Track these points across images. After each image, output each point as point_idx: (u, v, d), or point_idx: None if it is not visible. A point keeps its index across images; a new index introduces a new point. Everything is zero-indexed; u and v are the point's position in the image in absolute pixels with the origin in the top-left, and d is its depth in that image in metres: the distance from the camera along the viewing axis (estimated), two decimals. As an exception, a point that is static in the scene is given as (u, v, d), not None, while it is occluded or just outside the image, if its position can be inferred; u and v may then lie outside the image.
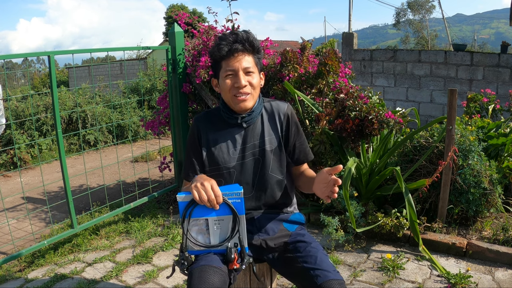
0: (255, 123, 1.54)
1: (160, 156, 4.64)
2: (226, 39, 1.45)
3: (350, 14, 17.76)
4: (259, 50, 1.50)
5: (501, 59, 6.04)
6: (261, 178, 1.54)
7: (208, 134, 1.55)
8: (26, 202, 4.00)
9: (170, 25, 10.94)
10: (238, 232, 1.36)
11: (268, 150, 1.53)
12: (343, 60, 6.56)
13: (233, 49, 1.43)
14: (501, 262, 2.52)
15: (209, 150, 1.53)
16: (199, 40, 3.41)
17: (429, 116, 6.68)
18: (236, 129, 1.53)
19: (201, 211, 1.35)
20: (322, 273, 1.34)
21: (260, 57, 1.53)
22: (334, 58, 2.98)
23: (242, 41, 1.44)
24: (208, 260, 1.35)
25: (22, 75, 38.47)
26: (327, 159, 3.05)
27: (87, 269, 2.60)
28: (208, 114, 1.61)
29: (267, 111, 1.57)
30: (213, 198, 1.30)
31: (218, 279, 1.30)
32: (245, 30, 1.50)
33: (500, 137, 3.19)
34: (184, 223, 1.36)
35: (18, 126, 5.95)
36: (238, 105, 1.47)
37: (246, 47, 1.45)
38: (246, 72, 1.46)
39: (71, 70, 17.84)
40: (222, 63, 1.46)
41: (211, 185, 1.31)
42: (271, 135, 1.55)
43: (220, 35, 1.50)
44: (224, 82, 1.47)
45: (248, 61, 1.46)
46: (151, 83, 8.82)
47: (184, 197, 1.35)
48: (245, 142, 1.53)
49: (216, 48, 1.46)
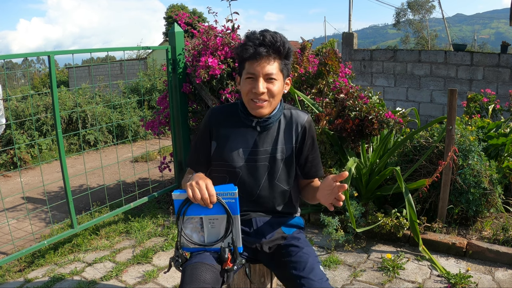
0: (270, 129, 1.50)
1: (160, 156, 4.63)
2: (252, 40, 1.37)
3: (350, 14, 17.77)
4: (287, 55, 1.41)
5: (501, 59, 6.04)
6: (266, 185, 1.51)
7: (220, 129, 1.51)
8: (26, 202, 4.00)
9: (170, 25, 10.92)
10: (232, 232, 1.36)
11: (279, 158, 1.50)
12: (343, 60, 6.56)
13: (257, 52, 1.36)
14: (501, 262, 2.52)
15: (218, 145, 1.51)
16: (199, 40, 3.41)
17: (429, 116, 6.68)
18: (250, 131, 1.50)
19: (196, 209, 1.36)
20: (307, 282, 1.33)
21: (288, 63, 1.44)
22: (334, 58, 2.98)
23: (268, 45, 1.36)
24: (202, 258, 1.36)
25: (22, 75, 38.49)
26: (327, 159, 3.05)
27: (87, 269, 2.60)
28: (225, 108, 1.56)
29: (286, 119, 1.52)
30: (207, 197, 1.29)
31: (210, 276, 1.30)
32: (275, 32, 1.40)
33: (500, 137, 3.19)
34: (178, 220, 1.37)
35: (18, 126, 5.95)
36: (254, 110, 1.44)
37: (270, 53, 1.37)
38: (267, 78, 1.39)
39: (71, 70, 17.84)
40: (246, 63, 1.40)
41: (206, 184, 1.31)
42: (284, 144, 1.50)
43: (249, 33, 1.42)
44: (244, 83, 1.42)
45: (272, 67, 1.38)
46: (151, 83, 8.82)
47: (179, 195, 1.36)
48: (257, 146, 1.49)
49: (241, 47, 1.39)
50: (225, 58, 3.20)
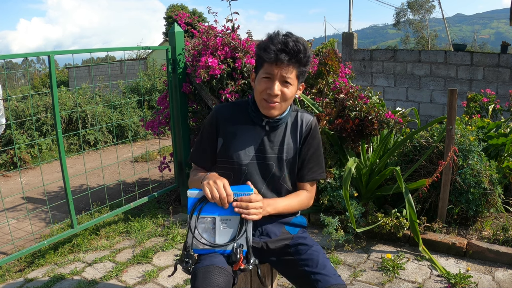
0: (278, 128, 1.52)
1: (160, 156, 4.63)
2: (275, 43, 1.36)
3: (350, 14, 17.77)
4: (306, 64, 1.42)
5: (501, 59, 6.04)
6: (271, 185, 1.53)
7: (227, 126, 1.52)
8: (26, 202, 4.00)
9: (170, 25, 10.91)
10: (246, 233, 1.36)
11: (284, 159, 1.51)
12: (343, 60, 6.56)
13: (278, 58, 1.36)
14: (501, 262, 2.52)
15: (225, 143, 1.51)
16: (199, 40, 3.41)
17: (429, 116, 6.68)
18: (258, 129, 1.51)
19: (211, 209, 1.36)
20: (322, 278, 1.34)
21: (306, 70, 1.45)
22: (334, 58, 2.98)
23: (290, 53, 1.36)
24: (213, 260, 1.35)
25: (22, 75, 38.47)
26: (327, 159, 3.05)
27: (87, 269, 2.60)
28: (233, 105, 1.58)
29: (293, 121, 1.54)
30: (225, 197, 1.30)
31: (223, 279, 1.29)
32: (297, 38, 1.39)
33: (500, 137, 3.19)
34: (191, 219, 1.36)
35: (18, 126, 5.95)
36: (265, 110, 1.45)
37: (292, 61, 1.38)
38: (283, 81, 1.40)
39: (71, 70, 17.84)
40: (265, 64, 1.40)
41: (223, 183, 1.32)
42: (289, 145, 1.52)
43: (272, 34, 1.41)
44: (259, 82, 1.43)
45: (289, 72, 1.39)
46: (151, 83, 8.82)
47: (195, 193, 1.36)
48: (264, 145, 1.50)
49: (263, 48, 1.39)
50: (225, 58, 3.20)
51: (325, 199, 2.95)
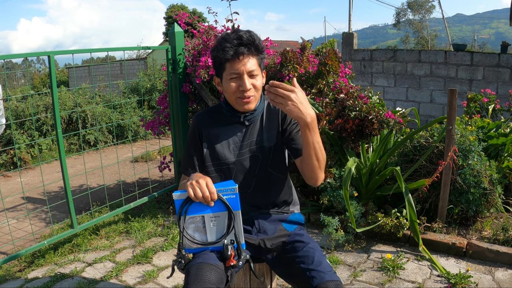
0: (257, 120, 1.55)
1: (160, 156, 4.64)
2: (230, 41, 1.41)
3: (350, 14, 17.76)
4: (262, 51, 1.48)
5: (501, 59, 6.05)
6: (260, 175, 1.54)
7: (209, 130, 1.56)
8: (26, 202, 4.00)
9: (170, 25, 10.89)
10: (234, 229, 1.37)
11: (266, 146, 1.54)
12: (343, 60, 6.56)
13: (238, 53, 1.41)
14: (501, 262, 2.52)
15: (210, 146, 1.55)
16: (199, 40, 3.41)
17: (429, 116, 6.69)
18: (238, 126, 1.55)
19: (197, 208, 1.36)
20: (317, 274, 1.34)
21: (263, 57, 1.51)
22: (334, 58, 2.98)
23: (247, 44, 1.42)
24: (205, 258, 1.36)
25: (22, 75, 38.47)
26: (327, 159, 3.05)
27: (87, 269, 2.60)
28: (209, 111, 1.62)
29: (269, 109, 1.57)
30: (208, 195, 1.31)
31: (214, 276, 1.30)
32: (248, 30, 1.45)
33: (500, 137, 3.20)
34: (180, 221, 1.37)
35: (18, 126, 5.95)
36: (242, 107, 1.48)
37: (251, 51, 1.43)
38: (251, 75, 1.44)
39: (71, 70, 17.85)
40: (226, 64, 1.44)
41: (206, 182, 1.33)
42: (270, 132, 1.55)
43: (223, 35, 1.47)
44: (228, 84, 1.46)
45: (252, 63, 1.44)
46: (151, 83, 8.82)
47: (180, 195, 1.36)
48: (246, 139, 1.54)
49: (220, 50, 1.43)
50: (225, 58, 3.19)
51: (325, 199, 2.95)
